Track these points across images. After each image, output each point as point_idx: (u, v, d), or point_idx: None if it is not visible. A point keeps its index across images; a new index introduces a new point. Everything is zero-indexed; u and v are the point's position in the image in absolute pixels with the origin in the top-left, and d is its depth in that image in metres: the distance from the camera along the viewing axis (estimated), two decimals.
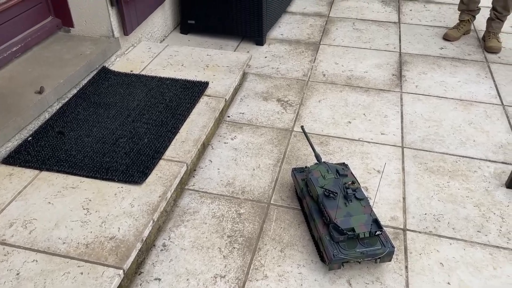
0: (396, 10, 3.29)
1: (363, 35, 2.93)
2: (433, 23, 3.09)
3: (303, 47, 2.78)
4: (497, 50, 2.69)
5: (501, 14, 2.68)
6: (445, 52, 2.71)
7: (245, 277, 1.38)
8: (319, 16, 3.20)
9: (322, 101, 2.26)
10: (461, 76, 2.46)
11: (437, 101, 2.25)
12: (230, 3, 2.65)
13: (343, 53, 2.71)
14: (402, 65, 2.58)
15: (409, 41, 2.85)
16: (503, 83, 2.40)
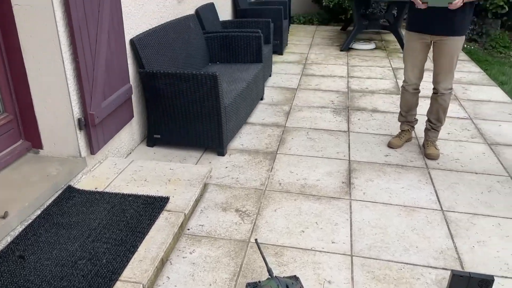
0: (346, 119, 3.64)
1: (316, 144, 3.20)
2: (378, 131, 3.42)
3: (262, 156, 3.01)
4: (436, 157, 2.98)
5: (435, 125, 3.03)
6: (390, 159, 2.98)
7: None
8: (277, 126, 3.50)
9: (277, 210, 2.41)
10: (404, 183, 2.70)
11: (383, 208, 2.44)
12: (192, 119, 2.90)
13: (298, 162, 2.94)
14: (351, 172, 2.81)
15: (357, 149, 3.13)
16: (442, 188, 2.64)
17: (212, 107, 2.84)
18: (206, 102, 2.83)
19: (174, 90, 2.84)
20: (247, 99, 3.38)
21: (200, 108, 2.86)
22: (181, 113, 2.91)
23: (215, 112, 2.85)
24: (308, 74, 4.82)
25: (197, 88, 2.80)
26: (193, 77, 2.77)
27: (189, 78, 2.78)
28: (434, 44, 2.80)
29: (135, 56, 2.89)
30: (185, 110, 2.90)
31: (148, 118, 3.00)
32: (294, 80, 4.60)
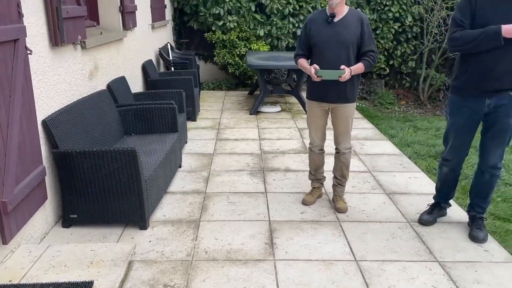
0: (262, 180, 3.85)
1: (237, 207, 3.34)
2: (293, 189, 3.67)
3: (185, 226, 3.05)
4: (345, 210, 3.28)
5: (341, 181, 3.36)
6: (305, 216, 3.21)
7: None
8: (197, 193, 3.58)
9: (206, 280, 2.45)
10: (320, 237, 2.92)
11: (304, 265, 2.60)
12: (111, 195, 2.87)
13: (221, 227, 3.03)
14: (272, 233, 2.97)
15: (276, 209, 3.32)
16: (353, 239, 2.90)
17: (132, 181, 2.86)
18: (125, 176, 2.84)
19: (90, 167, 2.81)
20: (166, 169, 3.44)
21: (119, 183, 2.86)
22: (99, 190, 2.87)
23: (135, 186, 2.87)
24: (222, 138, 5.03)
25: (115, 163, 2.81)
26: (110, 154, 2.79)
27: (106, 154, 2.79)
28: (332, 110, 3.19)
29: (48, 136, 2.83)
30: (103, 187, 2.87)
31: (63, 198, 2.90)
32: (210, 145, 4.77)
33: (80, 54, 3.41)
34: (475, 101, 2.71)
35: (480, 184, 2.91)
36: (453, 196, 3.16)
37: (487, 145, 2.79)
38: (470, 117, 2.77)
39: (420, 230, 3.01)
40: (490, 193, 2.92)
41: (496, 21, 2.50)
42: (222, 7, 7.18)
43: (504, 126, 2.69)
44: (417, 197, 3.54)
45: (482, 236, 2.85)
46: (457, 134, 2.85)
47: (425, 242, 2.86)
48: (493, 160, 2.79)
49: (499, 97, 2.64)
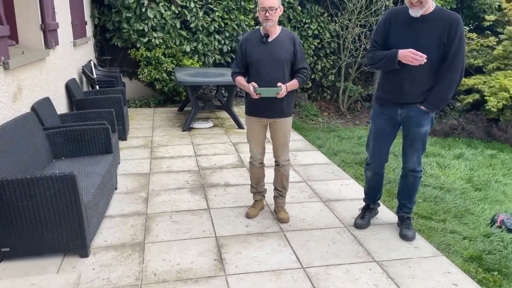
0: (203, 197, 3.86)
1: (182, 226, 3.31)
2: (235, 204, 3.73)
3: (130, 249, 2.96)
4: (287, 220, 3.41)
5: (281, 192, 3.50)
6: (250, 229, 3.28)
7: None
8: (138, 214, 3.49)
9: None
10: (267, 249, 3.00)
11: (255, 277, 2.67)
12: (48, 224, 2.70)
13: (168, 248, 2.99)
14: (220, 248, 3.00)
15: (221, 224, 3.36)
16: (298, 247, 3.03)
17: (71, 207, 2.71)
18: (63, 203, 2.70)
19: (23, 197, 2.63)
20: (104, 192, 3.31)
21: (56, 210, 2.70)
22: (34, 219, 2.69)
23: (75, 212, 2.73)
24: (157, 157, 4.95)
25: (51, 190, 2.66)
26: (46, 180, 2.64)
27: (41, 181, 2.63)
28: (270, 125, 3.32)
29: None
30: (38, 215, 2.69)
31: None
32: (145, 165, 4.67)
33: (3, 75, 3.18)
34: (390, 109, 3.04)
35: (405, 186, 3.23)
36: (380, 197, 3.45)
37: (405, 151, 3.13)
38: (387, 123, 3.09)
39: (357, 233, 3.24)
40: (414, 194, 3.24)
41: (405, 43, 2.82)
42: (146, 24, 7.09)
43: (415, 135, 3.02)
44: (350, 202, 3.79)
45: (411, 235, 3.14)
46: (375, 138, 3.17)
47: (362, 244, 3.08)
48: (412, 165, 3.12)
49: (409, 108, 2.97)
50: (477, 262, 3.01)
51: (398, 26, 2.87)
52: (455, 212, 3.81)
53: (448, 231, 3.43)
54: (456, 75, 2.79)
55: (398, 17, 2.88)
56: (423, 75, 2.84)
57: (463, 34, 2.77)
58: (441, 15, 2.77)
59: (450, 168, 4.98)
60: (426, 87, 2.88)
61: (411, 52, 2.71)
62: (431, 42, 2.77)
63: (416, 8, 2.75)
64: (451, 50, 2.75)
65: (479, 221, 3.66)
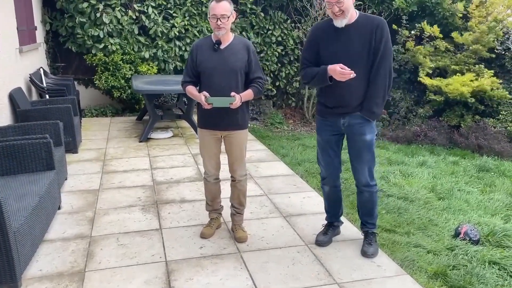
0: (156, 215, 3.59)
1: (129, 250, 3.03)
2: (190, 222, 3.48)
3: (67, 280, 2.65)
4: (244, 240, 3.19)
5: (239, 209, 3.28)
6: (205, 251, 3.04)
7: None
8: (81, 238, 3.18)
9: None
10: (222, 273, 2.77)
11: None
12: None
13: (111, 276, 2.71)
14: (170, 275, 2.74)
15: (173, 246, 3.10)
16: (255, 270, 2.81)
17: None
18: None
19: None
20: (41, 214, 2.99)
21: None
22: None
23: (2, 242, 2.41)
24: (109, 171, 4.63)
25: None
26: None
27: None
28: (224, 138, 3.10)
29: None
30: None
31: None
32: (95, 180, 4.34)
33: None
34: (333, 120, 2.94)
35: (362, 202, 3.09)
36: (342, 213, 3.29)
37: (354, 165, 2.99)
38: (331, 134, 2.98)
39: (318, 252, 3.06)
40: (374, 209, 3.09)
41: (336, 55, 2.75)
42: (101, 29, 6.74)
43: (361, 144, 2.90)
44: (312, 217, 3.61)
45: (371, 251, 2.99)
46: (323, 151, 3.05)
47: (323, 264, 2.90)
48: (364, 179, 2.98)
49: (351, 117, 2.87)
50: (442, 279, 2.88)
51: (326, 40, 2.82)
52: (419, 223, 3.70)
53: (412, 245, 3.31)
54: (385, 79, 2.76)
55: (324, 31, 2.83)
56: (360, 82, 2.78)
57: (389, 37, 2.75)
58: (365, 21, 2.74)
59: (413, 176, 4.91)
60: (365, 94, 2.82)
61: (340, 67, 2.66)
62: (361, 49, 2.73)
63: (339, 18, 2.70)
64: (378, 55, 2.72)
65: (443, 233, 3.56)
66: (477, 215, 3.90)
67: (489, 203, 4.18)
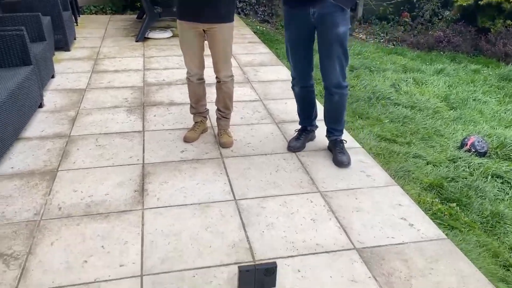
0: (141, 117, 3.39)
1: (107, 151, 2.89)
2: (175, 126, 3.28)
3: (38, 178, 2.56)
4: (230, 145, 3.00)
5: (224, 113, 3.03)
6: (186, 155, 2.87)
7: None
8: (59, 137, 3.04)
9: (55, 242, 2.06)
10: (199, 178, 2.62)
11: (178, 211, 2.31)
12: None
13: (84, 176, 2.59)
14: (144, 178, 2.61)
15: (153, 149, 2.94)
16: (235, 176, 2.65)
17: None
18: None
19: None
20: (14, 110, 2.82)
21: None
22: None
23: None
24: (99, 70, 4.38)
25: None
26: None
27: None
28: (207, 33, 2.75)
29: None
30: None
31: None
32: (83, 79, 4.12)
33: None
34: (300, 10, 2.54)
35: (331, 106, 2.80)
36: (316, 116, 3.01)
37: (325, 63, 2.63)
38: (300, 28, 2.61)
39: (305, 160, 2.85)
40: (343, 114, 2.82)
41: None
42: None
43: (333, 37, 2.51)
44: None
45: (346, 160, 2.76)
46: (292, 47, 2.71)
47: (309, 172, 2.71)
48: (335, 79, 2.64)
49: (321, 6, 2.46)
50: (437, 191, 2.68)
51: None
52: (423, 133, 3.42)
53: (411, 155, 3.07)
54: None
55: None
56: None
57: None
58: None
59: (427, 84, 4.50)
60: None
61: None
62: None
63: None
64: None
65: (448, 144, 3.29)
66: (489, 126, 3.57)
67: (505, 114, 3.82)
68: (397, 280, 1.88)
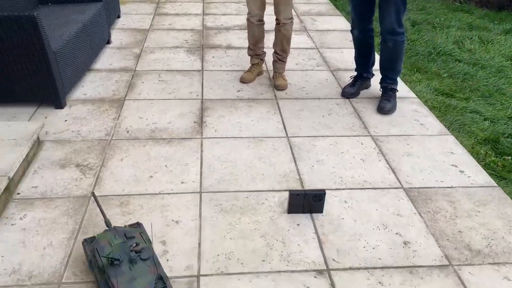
0: (200, 58, 3.53)
1: (168, 86, 3.06)
2: (232, 67, 3.39)
3: (108, 105, 2.78)
4: (284, 88, 3.07)
5: (281, 56, 3.09)
6: (242, 94, 2.99)
7: None
8: (126, 71, 3.25)
9: (124, 159, 2.28)
10: (254, 116, 2.74)
11: (233, 142, 2.46)
12: (15, 70, 2.51)
13: (148, 106, 2.79)
14: (203, 111, 2.76)
15: (211, 87, 3.07)
16: (288, 116, 2.74)
17: (38, 54, 2.48)
18: (29, 49, 2.46)
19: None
20: (86, 43, 3.04)
21: (22, 57, 2.48)
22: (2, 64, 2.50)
23: (43, 60, 2.50)
24: (161, 13, 4.53)
25: (13, 34, 2.40)
26: (5, 22, 2.36)
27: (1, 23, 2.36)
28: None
29: None
30: (5, 61, 2.49)
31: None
32: (147, 21, 4.29)
33: None
34: None
35: (385, 53, 2.77)
36: (373, 64, 3.00)
37: (382, 7, 2.61)
38: None
39: (359, 106, 2.88)
40: (398, 61, 2.78)
41: None
42: None
43: None
44: None
45: (388, 107, 2.77)
46: None
47: (361, 117, 2.75)
48: (390, 24, 2.61)
49: None
50: (491, 145, 2.64)
51: None
52: (483, 91, 3.31)
53: (469, 110, 3.00)
54: None
55: None
56: None
57: None
58: None
59: (493, 43, 4.28)
60: None
61: None
62: None
63: None
64: None
65: (509, 103, 3.17)
66: None
67: None
68: (442, 218, 1.94)
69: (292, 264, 1.69)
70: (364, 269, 1.68)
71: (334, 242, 1.80)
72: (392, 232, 1.86)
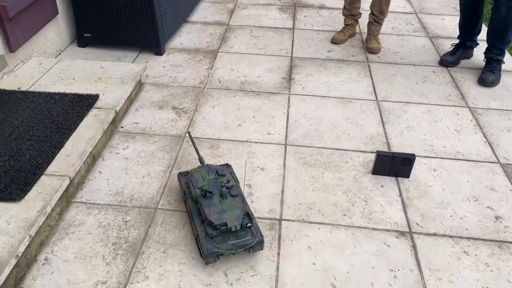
0: (291, 16, 3.51)
1: (260, 41, 3.10)
2: (324, 27, 3.33)
3: (202, 55, 2.90)
4: (377, 51, 2.97)
5: (378, 18, 2.97)
6: (332, 55, 2.95)
7: (127, 280, 1.45)
8: (219, 24, 3.34)
9: (215, 106, 2.38)
10: (343, 76, 2.70)
11: (320, 101, 2.46)
12: (123, 15, 2.70)
13: (239, 59, 2.86)
14: (292, 68, 2.78)
15: (301, 45, 3.06)
16: (379, 80, 2.67)
17: (145, 3, 2.63)
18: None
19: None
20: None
21: (131, 5, 2.65)
22: (111, 9, 2.69)
23: (148, 8, 2.66)
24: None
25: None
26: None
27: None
28: None
29: None
30: (115, 6, 2.68)
31: (75, 15, 2.76)
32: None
33: None
34: None
35: (496, 20, 2.54)
36: (479, 32, 2.75)
37: None
38: None
39: (457, 75, 2.71)
40: (508, 31, 2.51)
41: None
42: None
43: None
44: None
45: (491, 79, 2.55)
46: None
47: (459, 87, 2.59)
48: None
49: None
50: None
51: None
52: None
53: None
54: None
55: None
56: None
57: None
58: None
59: None
60: None
61: None
62: None
63: None
64: None
65: None
66: None
67: None
68: None
69: (373, 222, 1.70)
70: (449, 237, 1.64)
71: (419, 207, 1.77)
72: (483, 205, 1.78)
